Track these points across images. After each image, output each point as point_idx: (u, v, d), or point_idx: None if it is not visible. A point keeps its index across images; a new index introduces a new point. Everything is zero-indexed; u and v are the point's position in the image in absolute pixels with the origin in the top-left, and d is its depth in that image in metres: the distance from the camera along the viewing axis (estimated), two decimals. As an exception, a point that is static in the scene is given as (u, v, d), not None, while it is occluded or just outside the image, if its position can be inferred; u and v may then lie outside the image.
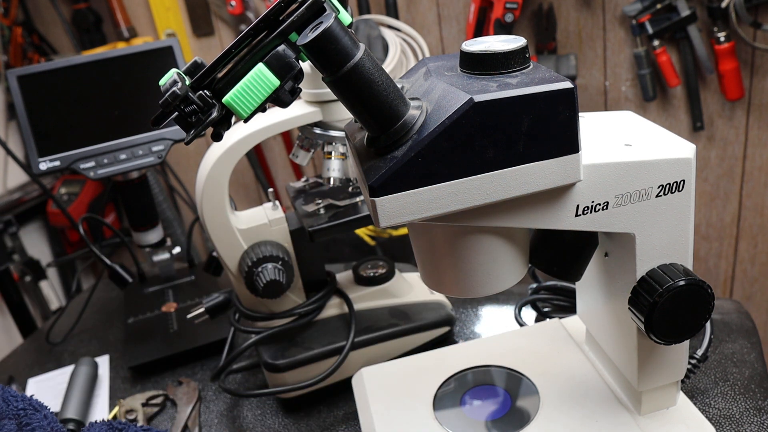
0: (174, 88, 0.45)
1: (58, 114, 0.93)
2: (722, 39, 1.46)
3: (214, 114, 0.46)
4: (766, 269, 1.75)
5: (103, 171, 0.95)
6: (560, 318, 0.82)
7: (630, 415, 0.65)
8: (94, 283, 1.19)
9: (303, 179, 0.88)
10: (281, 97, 0.47)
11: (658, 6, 1.47)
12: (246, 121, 0.47)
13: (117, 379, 0.96)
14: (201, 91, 0.46)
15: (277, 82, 0.45)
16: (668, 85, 1.54)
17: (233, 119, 0.49)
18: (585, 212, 0.53)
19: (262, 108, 0.47)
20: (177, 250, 1.15)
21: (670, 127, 1.62)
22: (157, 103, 0.47)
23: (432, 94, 0.48)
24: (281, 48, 0.45)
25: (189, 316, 0.88)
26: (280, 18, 0.46)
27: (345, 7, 0.49)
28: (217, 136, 0.50)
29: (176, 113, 0.46)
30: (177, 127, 0.96)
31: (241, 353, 0.80)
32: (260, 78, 0.45)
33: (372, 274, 0.89)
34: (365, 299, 0.88)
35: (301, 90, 0.49)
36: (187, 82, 0.46)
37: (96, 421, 0.58)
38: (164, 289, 1.13)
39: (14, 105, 0.93)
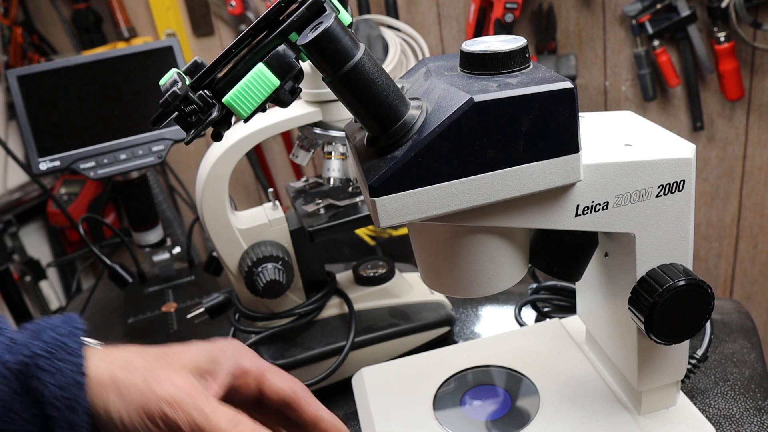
0: (174, 88, 0.45)
1: (58, 114, 0.93)
2: (722, 39, 1.46)
3: (214, 114, 0.46)
4: (766, 269, 1.75)
5: (103, 171, 0.95)
6: (560, 318, 0.82)
7: (630, 415, 0.65)
8: (94, 283, 1.19)
9: (303, 179, 0.88)
10: (281, 97, 0.47)
11: (658, 6, 1.47)
12: (246, 121, 0.47)
13: (117, 379, 0.96)
14: (201, 91, 0.46)
15: (277, 82, 0.45)
16: (668, 85, 1.54)
17: (233, 119, 0.49)
18: (585, 212, 0.53)
19: (262, 108, 0.47)
20: (177, 250, 1.15)
21: (670, 127, 1.62)
22: (157, 103, 0.47)
23: (432, 94, 0.48)
24: (281, 48, 0.45)
25: (189, 316, 0.88)
26: (280, 18, 0.46)
27: (345, 7, 0.49)
28: (217, 136, 0.50)
29: (176, 113, 0.46)
30: (177, 127, 0.96)
31: (241, 353, 0.80)
32: (260, 78, 0.45)
33: (372, 274, 0.89)
34: (365, 299, 0.88)
35: (301, 90, 0.49)
36: (187, 82, 0.46)
37: None
38: (164, 289, 1.13)
39: (14, 105, 0.93)
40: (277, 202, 0.83)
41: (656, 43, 1.51)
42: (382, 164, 0.46)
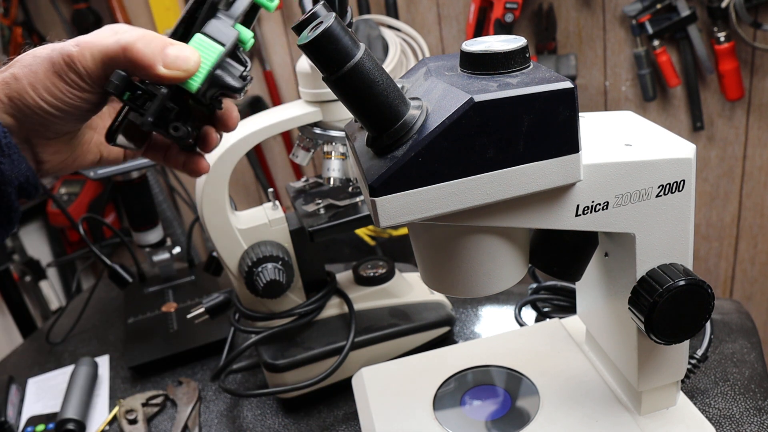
0: (112, 79, 0.45)
1: (58, 114, 0.93)
2: (722, 39, 1.46)
3: (163, 90, 0.46)
4: (766, 269, 1.75)
5: (103, 171, 0.95)
6: (560, 318, 0.82)
7: (630, 415, 0.65)
8: (94, 283, 1.19)
9: (303, 179, 0.88)
10: (228, 83, 0.47)
11: (658, 6, 1.47)
12: (198, 94, 0.46)
13: (117, 379, 0.96)
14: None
15: (219, 48, 0.46)
16: (668, 85, 1.54)
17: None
18: (585, 212, 0.53)
19: (214, 84, 0.46)
20: (177, 250, 1.15)
21: (670, 127, 1.62)
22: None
23: (432, 94, 0.48)
24: (218, 16, 0.47)
25: (189, 316, 0.88)
26: None
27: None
28: (188, 147, 0.50)
29: (129, 102, 0.46)
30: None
31: (241, 353, 0.80)
32: (200, 45, 0.45)
33: (372, 274, 0.89)
34: (365, 299, 0.88)
35: (251, 78, 0.49)
36: None
37: None
38: (164, 289, 1.13)
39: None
40: (277, 202, 0.83)
41: (656, 43, 1.51)
42: (382, 164, 0.46)
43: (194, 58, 0.44)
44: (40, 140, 0.48)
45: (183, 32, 0.48)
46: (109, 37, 0.45)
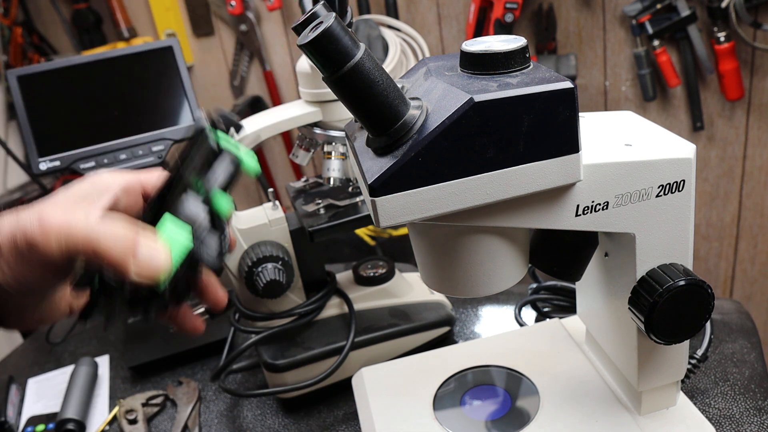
0: (78, 274, 0.43)
1: (58, 114, 0.93)
2: (722, 39, 1.46)
3: (124, 293, 0.43)
4: (766, 269, 1.75)
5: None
6: (560, 318, 0.82)
7: (630, 415, 0.65)
8: (94, 283, 1.19)
9: (303, 179, 0.88)
10: (205, 258, 0.43)
11: (658, 6, 1.47)
12: (162, 294, 0.42)
13: (117, 379, 0.96)
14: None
15: (187, 240, 0.42)
16: (668, 85, 1.54)
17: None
18: (585, 212, 0.53)
19: (186, 275, 0.43)
20: (177, 250, 1.15)
21: (670, 127, 1.62)
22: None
23: (432, 94, 0.48)
24: (188, 193, 0.43)
25: (189, 316, 0.88)
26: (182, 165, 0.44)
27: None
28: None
29: (100, 294, 0.43)
30: (177, 127, 0.96)
31: (241, 353, 0.80)
32: (169, 236, 0.42)
33: (372, 274, 0.89)
34: (365, 299, 0.88)
35: (227, 253, 0.46)
36: None
37: None
38: (164, 289, 1.13)
39: (14, 105, 0.93)
40: (277, 202, 0.83)
41: (656, 43, 1.51)
42: (382, 164, 0.46)
43: (165, 259, 0.42)
44: None
45: (153, 216, 0.45)
46: (74, 214, 0.42)
